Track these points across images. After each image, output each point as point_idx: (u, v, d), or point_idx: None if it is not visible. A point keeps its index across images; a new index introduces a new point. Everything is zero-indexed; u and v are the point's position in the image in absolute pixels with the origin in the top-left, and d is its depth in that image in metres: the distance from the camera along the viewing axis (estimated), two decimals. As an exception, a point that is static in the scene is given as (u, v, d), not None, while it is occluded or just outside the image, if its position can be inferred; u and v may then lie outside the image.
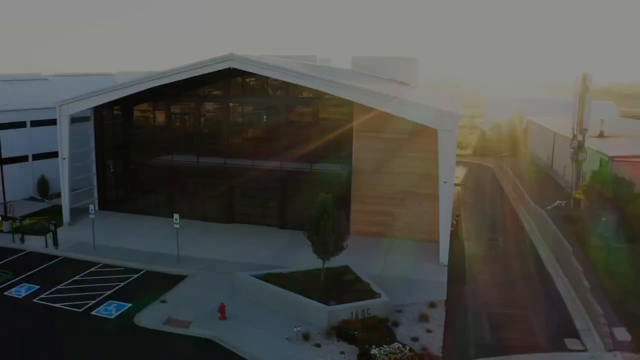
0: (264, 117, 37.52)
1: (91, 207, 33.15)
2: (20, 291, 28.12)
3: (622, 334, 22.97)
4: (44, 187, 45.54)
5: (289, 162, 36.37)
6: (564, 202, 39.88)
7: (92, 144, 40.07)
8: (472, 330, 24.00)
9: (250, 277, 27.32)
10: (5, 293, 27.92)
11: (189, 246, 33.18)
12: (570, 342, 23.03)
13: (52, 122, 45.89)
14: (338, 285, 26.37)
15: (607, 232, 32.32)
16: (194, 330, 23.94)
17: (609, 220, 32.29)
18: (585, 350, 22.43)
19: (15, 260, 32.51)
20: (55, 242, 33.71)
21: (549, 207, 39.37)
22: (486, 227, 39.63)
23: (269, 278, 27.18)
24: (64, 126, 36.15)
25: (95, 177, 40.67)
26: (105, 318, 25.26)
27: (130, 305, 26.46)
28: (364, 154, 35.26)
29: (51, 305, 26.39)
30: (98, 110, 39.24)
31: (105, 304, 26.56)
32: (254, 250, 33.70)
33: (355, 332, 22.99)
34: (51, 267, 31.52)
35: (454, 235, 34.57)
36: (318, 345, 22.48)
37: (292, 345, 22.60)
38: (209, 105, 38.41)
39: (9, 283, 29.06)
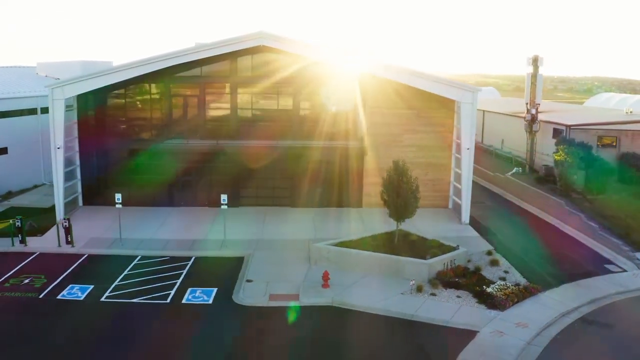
0: (274, 97, 37.43)
1: (117, 196, 30.13)
2: (74, 293, 24.83)
3: (644, 255, 28.95)
4: (-10, 189, 39.23)
5: (302, 141, 37.11)
6: (520, 168, 46.57)
7: (75, 133, 35.83)
8: (538, 267, 27.88)
9: (329, 246, 27.93)
10: (59, 297, 24.45)
11: (217, 231, 32.08)
12: (610, 267, 28.26)
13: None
14: (413, 244, 28.38)
15: (579, 187, 39.27)
16: (309, 300, 24.04)
17: (578, 177, 39.25)
18: (625, 271, 27.79)
19: (33, 263, 28.25)
20: (71, 240, 30.00)
21: (509, 174, 45.69)
22: (462, 194, 44.35)
23: (343, 246, 28.08)
24: (57, 111, 31.95)
25: (78, 169, 36.42)
26: (203, 304, 23.91)
27: (216, 289, 25.28)
28: (376, 129, 37.45)
29: (130, 302, 23.87)
30: (81, 96, 35.22)
31: (188, 292, 24.90)
32: (287, 228, 33.87)
33: (457, 279, 25.44)
34: (84, 265, 28.14)
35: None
36: (434, 295, 24.38)
37: (412, 297, 24.17)
38: (215, 87, 37.04)
39: (50, 288, 25.41)
